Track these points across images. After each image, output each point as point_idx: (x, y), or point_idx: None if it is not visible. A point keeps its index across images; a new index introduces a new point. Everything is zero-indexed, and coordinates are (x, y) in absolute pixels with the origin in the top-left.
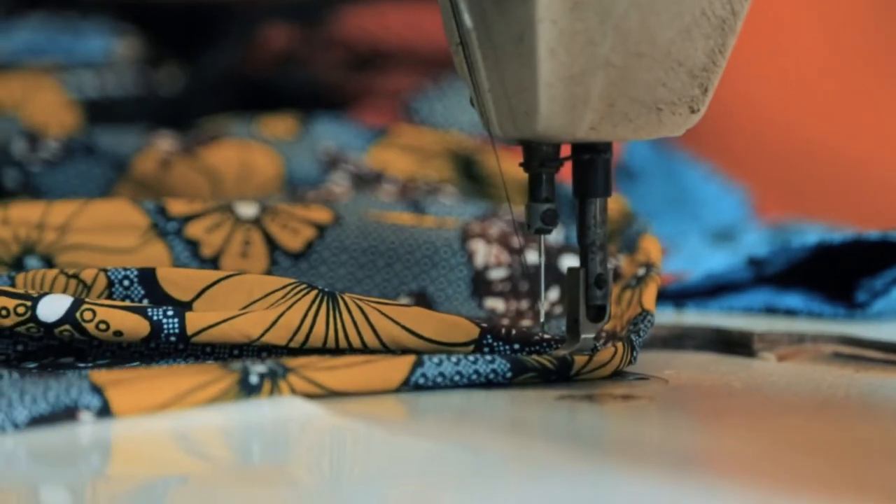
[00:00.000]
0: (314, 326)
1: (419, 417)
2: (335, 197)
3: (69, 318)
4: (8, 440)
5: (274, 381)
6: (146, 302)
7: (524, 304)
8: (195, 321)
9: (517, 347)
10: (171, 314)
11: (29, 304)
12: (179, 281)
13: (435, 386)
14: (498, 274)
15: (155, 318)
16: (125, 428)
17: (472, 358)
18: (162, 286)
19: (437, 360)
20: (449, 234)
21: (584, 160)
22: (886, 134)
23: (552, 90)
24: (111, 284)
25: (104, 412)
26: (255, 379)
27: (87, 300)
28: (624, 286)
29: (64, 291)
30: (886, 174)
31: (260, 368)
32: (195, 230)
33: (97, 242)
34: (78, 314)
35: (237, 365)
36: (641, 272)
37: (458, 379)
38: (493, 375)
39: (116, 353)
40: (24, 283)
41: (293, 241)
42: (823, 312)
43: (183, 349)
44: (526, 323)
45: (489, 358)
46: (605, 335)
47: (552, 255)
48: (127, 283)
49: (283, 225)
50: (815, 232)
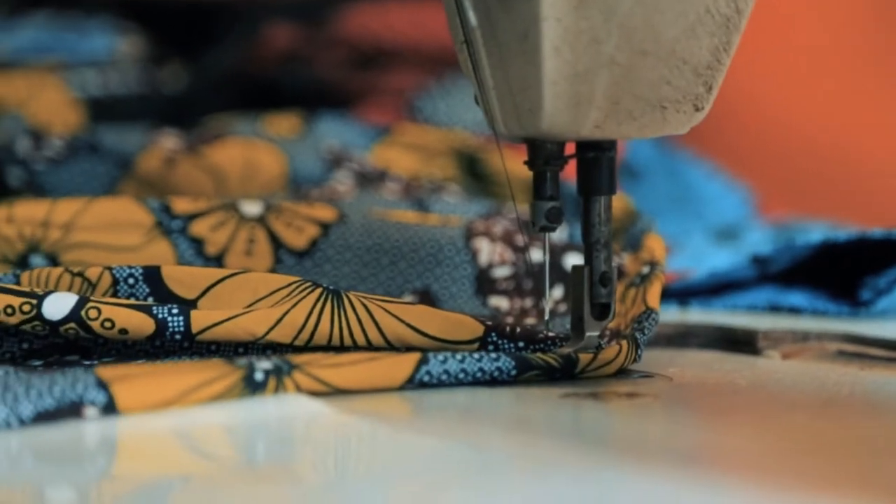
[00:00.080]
0: (319, 324)
1: (424, 415)
2: (339, 195)
3: (74, 316)
4: (12, 440)
5: (279, 377)
6: (151, 300)
7: (528, 302)
8: (200, 319)
9: (522, 345)
10: (176, 312)
11: (34, 302)
12: (184, 279)
13: (439, 384)
14: (502, 272)
15: (160, 316)
16: (130, 427)
17: (476, 356)
18: (167, 284)
19: (441, 357)
20: (453, 232)
21: (588, 158)
22: (890, 132)
23: (557, 88)
24: (116, 282)
25: (109, 408)
26: (260, 376)
27: (92, 298)
28: (628, 284)
29: (69, 289)
30: (890, 172)
31: (265, 365)
32: (200, 228)
33: (102, 240)
34: (83, 312)
35: (242, 361)
36: (646, 270)
37: (462, 377)
38: (497, 373)
39: (122, 351)
40: (29, 281)
41: (297, 239)
42: (828, 310)
43: (188, 347)
44: (530, 321)
45: (494, 356)
46: (609, 333)
47: (556, 253)
48: (132, 281)
49: (287, 223)
50: (818, 230)
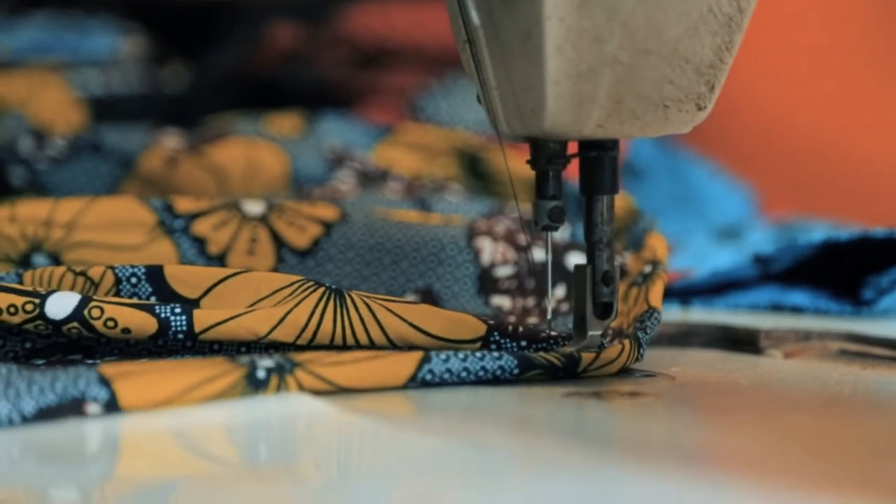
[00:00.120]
0: (322, 323)
1: (426, 414)
2: (341, 194)
3: (77, 315)
4: (14, 440)
5: (281, 375)
6: (154, 299)
7: (530, 301)
8: (203, 318)
9: (524, 344)
10: (178, 311)
11: (37, 301)
12: (187, 278)
13: (442, 382)
14: (504, 271)
15: (163, 315)
16: (131, 427)
17: (479, 354)
18: (169, 283)
19: (443, 356)
20: (455, 231)
21: (591, 157)
22: (892, 131)
23: (559, 87)
24: (119, 282)
25: (111, 404)
26: (262, 373)
27: (94, 297)
28: (630, 283)
29: (72, 289)
30: (892, 172)
31: (267, 363)
32: (202, 227)
33: (104, 240)
34: (86, 311)
35: (244, 359)
36: (648, 269)
37: (465, 375)
38: (500, 372)
39: (124, 350)
40: (31, 280)
41: (300, 238)
42: (830, 310)
43: (191, 347)
44: (532, 320)
45: (496, 354)
46: (611, 332)
47: (558, 252)
48: (134, 280)
49: (289, 222)
50: (820, 230)
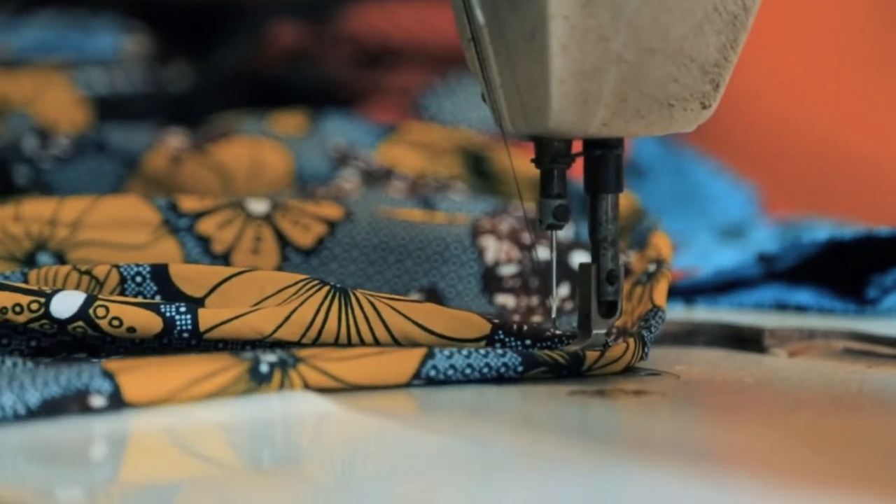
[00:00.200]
0: (326, 322)
1: (431, 413)
2: (345, 193)
3: (82, 314)
4: (18, 440)
5: (284, 370)
6: (159, 298)
7: (535, 300)
8: (208, 317)
9: (528, 343)
10: (183, 310)
11: (42, 300)
12: (192, 277)
13: (446, 379)
14: (508, 270)
15: (168, 314)
16: (134, 427)
17: (482, 351)
18: (174, 282)
19: (447, 352)
20: (459, 230)
21: (595, 156)
22: None
23: (564, 86)
24: (124, 281)
25: (115, 397)
26: (265, 368)
27: (100, 296)
28: (634, 282)
29: (77, 288)
30: None
31: (270, 358)
32: (207, 226)
33: (109, 239)
34: (91, 310)
35: (248, 354)
36: (652, 268)
37: (469, 372)
38: (504, 369)
39: (129, 349)
40: (36, 279)
41: (304, 237)
42: (834, 308)
43: (196, 345)
44: (537, 319)
45: (500, 352)
46: (616, 331)
47: (562, 250)
48: (139, 279)
49: (294, 221)
50: (824, 228)
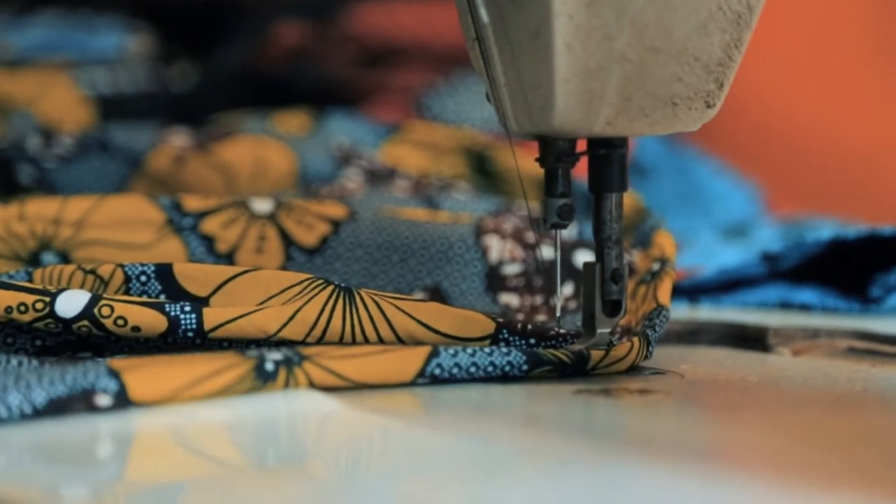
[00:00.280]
0: (331, 321)
1: (435, 411)
2: (349, 193)
3: (87, 313)
4: (22, 439)
5: (289, 368)
6: (163, 297)
7: (538, 299)
8: (212, 317)
9: (533, 342)
10: (188, 310)
11: (47, 299)
12: (196, 276)
13: (451, 378)
14: (512, 269)
15: (172, 313)
16: (140, 428)
17: (487, 350)
18: (179, 282)
19: (452, 351)
20: (463, 229)
21: (599, 155)
22: None
23: (568, 85)
24: (128, 280)
25: (121, 395)
26: (270, 366)
27: (104, 296)
28: (638, 281)
29: (81, 287)
30: None
31: (275, 356)
32: (210, 226)
33: (113, 238)
34: (96, 310)
35: (253, 352)
36: (656, 267)
37: (473, 370)
38: (508, 368)
39: (134, 348)
40: (41, 278)
41: (308, 236)
42: (838, 307)
43: (200, 345)
44: (541, 318)
45: (505, 350)
46: (620, 330)
47: (566, 250)
48: (144, 278)
49: (297, 220)
50: (828, 227)
